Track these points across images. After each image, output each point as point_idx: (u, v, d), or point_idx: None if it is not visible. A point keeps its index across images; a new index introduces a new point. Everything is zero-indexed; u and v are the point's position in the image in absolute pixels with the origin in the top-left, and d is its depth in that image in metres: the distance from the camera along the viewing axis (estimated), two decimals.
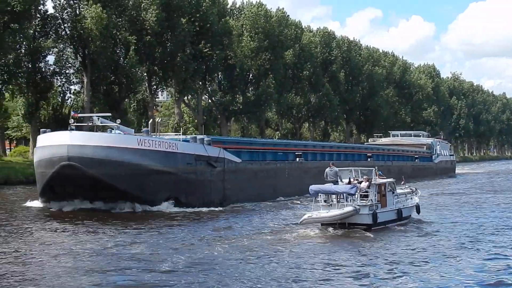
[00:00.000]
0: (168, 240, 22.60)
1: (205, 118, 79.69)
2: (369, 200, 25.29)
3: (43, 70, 62.57)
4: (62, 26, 62.82)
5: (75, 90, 67.47)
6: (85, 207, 30.70)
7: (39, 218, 28.24)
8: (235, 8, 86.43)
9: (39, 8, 60.62)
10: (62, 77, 64.37)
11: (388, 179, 27.81)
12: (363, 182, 25.72)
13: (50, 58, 63.35)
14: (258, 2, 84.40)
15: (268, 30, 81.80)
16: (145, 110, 72.51)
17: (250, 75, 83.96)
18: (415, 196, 30.01)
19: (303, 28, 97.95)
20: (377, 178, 26.99)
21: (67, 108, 64.20)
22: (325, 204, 25.26)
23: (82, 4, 61.53)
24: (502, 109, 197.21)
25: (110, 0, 61.97)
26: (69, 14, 62.44)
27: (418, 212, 29.36)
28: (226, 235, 23.78)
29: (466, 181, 68.20)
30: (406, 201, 28.86)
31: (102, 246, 21.07)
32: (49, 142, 31.42)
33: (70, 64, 64.50)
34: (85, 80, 62.90)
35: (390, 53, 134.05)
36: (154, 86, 73.48)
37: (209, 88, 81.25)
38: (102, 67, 61.97)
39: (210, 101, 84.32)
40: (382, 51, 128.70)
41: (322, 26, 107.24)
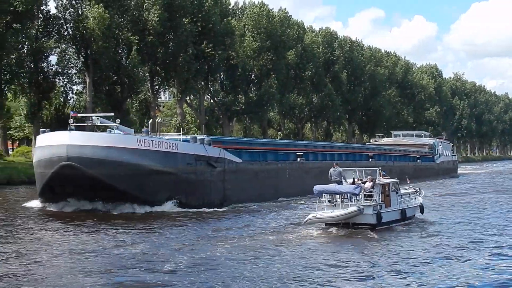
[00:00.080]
0: (170, 240, 22.53)
1: (207, 118, 79.72)
2: (373, 200, 25.33)
3: (46, 70, 62.54)
4: (65, 26, 62.78)
5: (78, 90, 67.52)
6: (85, 208, 30.54)
7: (40, 219, 28.15)
8: (237, 8, 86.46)
9: (42, 8, 60.67)
10: (64, 77, 64.36)
11: (392, 179, 27.85)
12: (367, 182, 25.75)
13: (53, 58, 63.41)
14: (260, 2, 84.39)
15: (270, 30, 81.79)
16: (147, 110, 72.47)
17: (252, 75, 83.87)
18: (419, 196, 30.08)
19: (305, 28, 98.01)
20: (381, 178, 26.95)
21: (70, 108, 64.14)
22: (329, 204, 25.34)
23: (84, 4, 61.51)
24: (505, 109, 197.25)
25: (112, 0, 61.99)
26: (71, 14, 62.39)
27: (422, 212, 29.55)
28: (229, 235, 23.72)
29: (468, 181, 68.06)
30: (410, 201, 28.92)
31: (104, 246, 21.01)
32: (48, 142, 31.26)
33: (73, 64, 64.42)
34: (87, 80, 62.89)
35: (393, 53, 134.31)
36: (156, 86, 73.46)
37: (211, 88, 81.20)
38: (105, 67, 61.99)
39: (212, 101, 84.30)
40: (384, 51, 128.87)
41: (325, 26, 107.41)
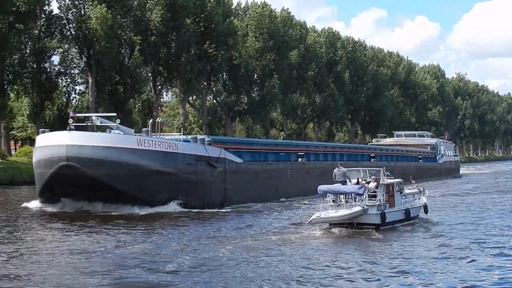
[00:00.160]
0: (172, 240, 22.47)
1: (209, 118, 79.66)
2: (377, 200, 25.33)
3: (48, 70, 62.59)
4: (67, 27, 62.85)
5: (80, 90, 67.62)
6: (85, 208, 30.41)
7: (41, 219, 28.05)
8: (240, 8, 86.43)
9: (44, 8, 60.75)
10: (67, 77, 64.45)
11: (396, 179, 27.86)
12: (371, 182, 25.77)
13: (55, 59, 63.51)
14: (263, 2, 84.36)
15: (273, 31, 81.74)
16: (150, 110, 72.47)
17: (255, 76, 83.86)
18: (423, 196, 30.07)
19: (308, 28, 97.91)
20: (385, 178, 27.01)
21: (72, 108, 64.12)
22: (333, 204, 25.33)
23: (87, 4, 61.57)
24: (507, 109, 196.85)
25: (115, 0, 61.99)
26: (74, 14, 62.43)
27: (426, 212, 29.57)
28: (231, 236, 23.66)
29: (471, 181, 67.96)
30: (414, 201, 28.95)
31: (106, 246, 20.95)
32: (48, 142, 31.12)
33: (75, 64, 64.55)
34: (90, 80, 62.94)
35: (395, 53, 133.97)
36: (159, 87, 73.49)
37: (214, 88, 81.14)
38: (107, 68, 61.99)
39: (215, 101, 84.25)
40: (387, 51, 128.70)
41: (327, 27, 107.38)
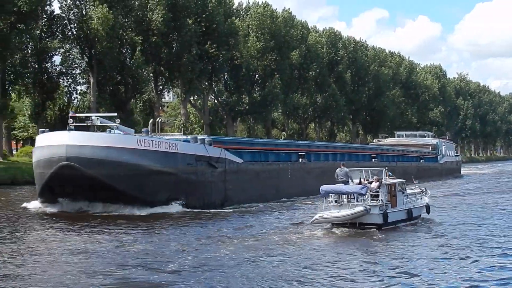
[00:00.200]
0: (173, 240, 22.43)
1: (211, 118, 79.62)
2: (379, 200, 25.34)
3: (50, 70, 62.61)
4: (69, 27, 62.88)
5: (82, 90, 67.62)
6: (85, 208, 30.33)
7: (42, 219, 27.98)
8: (241, 8, 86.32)
9: (46, 8, 60.76)
10: (68, 77, 64.45)
11: (398, 179, 27.84)
12: (374, 183, 25.78)
13: (57, 59, 63.53)
14: (264, 2, 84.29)
15: (274, 31, 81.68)
16: (151, 110, 72.47)
17: (256, 76, 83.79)
18: (425, 196, 30.05)
19: (309, 28, 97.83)
20: (387, 178, 26.99)
21: (74, 108, 64.17)
22: (335, 204, 25.33)
23: (88, 4, 61.55)
24: (509, 109, 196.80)
25: (116, 0, 61.99)
26: (75, 14, 62.45)
27: (428, 212, 29.64)
28: (232, 236, 23.62)
29: (472, 181, 67.87)
30: (416, 201, 28.95)
31: (107, 246, 20.91)
32: (47, 142, 30.99)
33: (77, 64, 64.57)
34: (91, 80, 62.93)
35: (397, 53, 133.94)
36: (160, 87, 73.49)
37: (215, 88, 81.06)
38: (108, 68, 61.97)
39: (216, 101, 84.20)
40: (388, 52, 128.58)
41: (328, 27, 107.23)
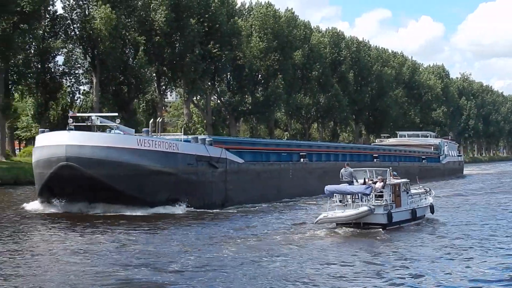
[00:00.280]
0: (175, 240, 22.35)
1: (214, 118, 79.61)
2: (383, 200, 25.33)
3: (53, 70, 62.60)
4: (72, 27, 62.86)
5: (84, 90, 67.67)
6: (85, 208, 30.08)
7: (41, 219, 27.81)
8: (244, 8, 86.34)
9: (49, 8, 60.76)
10: (71, 77, 64.51)
11: (402, 180, 27.84)
12: (378, 183, 25.78)
13: (60, 59, 63.50)
14: (267, 2, 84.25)
15: (277, 31, 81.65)
16: (154, 110, 72.41)
17: (259, 76, 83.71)
18: (429, 196, 30.02)
19: (312, 28, 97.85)
20: (391, 178, 27.02)
21: (76, 108, 64.20)
22: (340, 204, 25.32)
23: (91, 4, 61.61)
24: None
25: (119, 0, 61.99)
26: (78, 14, 62.46)
27: (432, 212, 29.61)
28: (234, 236, 23.56)
29: (475, 182, 67.71)
30: (420, 201, 28.95)
31: (109, 246, 20.85)
32: (47, 142, 30.80)
33: (79, 64, 64.54)
34: (94, 80, 62.93)
35: (399, 53, 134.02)
36: (163, 87, 73.46)
37: (218, 88, 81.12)
38: (111, 68, 61.99)
39: (219, 101, 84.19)
40: (391, 52, 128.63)
41: (331, 27, 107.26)
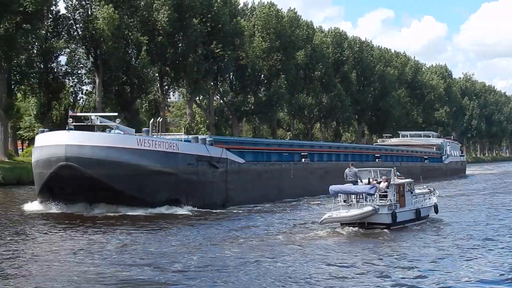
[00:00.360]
0: (178, 240, 22.29)
1: (216, 118, 79.58)
2: (388, 200, 25.32)
3: (55, 70, 62.58)
4: (74, 27, 62.89)
5: (87, 90, 67.64)
6: (85, 209, 29.91)
7: (41, 219, 27.69)
8: (247, 8, 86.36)
9: (51, 8, 60.72)
10: (74, 77, 64.48)
11: (407, 180, 27.85)
12: (382, 183, 25.76)
13: (62, 59, 63.51)
14: (270, 2, 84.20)
15: (279, 31, 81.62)
16: (156, 110, 72.39)
17: (262, 76, 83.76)
18: (433, 196, 30.01)
19: (315, 28, 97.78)
20: (395, 178, 27.01)
21: (79, 108, 64.20)
22: (344, 204, 25.30)
23: (94, 4, 61.59)
24: None
25: (122, 0, 61.99)
26: (81, 14, 62.46)
27: (436, 212, 29.63)
28: (238, 236, 23.49)
29: (478, 182, 67.63)
30: (424, 201, 28.94)
31: (111, 246, 20.80)
32: (47, 142, 30.65)
33: (82, 64, 64.57)
34: (97, 80, 62.94)
35: (402, 53, 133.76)
36: (166, 87, 73.47)
37: (220, 88, 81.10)
38: (114, 68, 61.98)
39: (221, 101, 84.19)
40: (394, 52, 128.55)
41: (334, 27, 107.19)
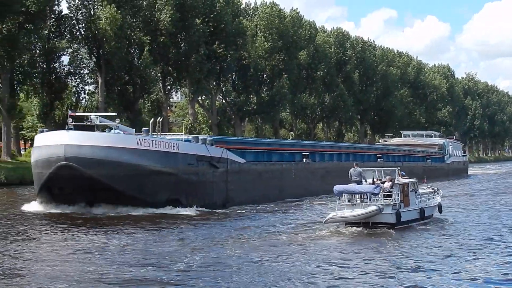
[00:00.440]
0: (180, 240, 22.27)
1: (219, 118, 79.56)
2: (392, 199, 25.35)
3: (58, 70, 62.59)
4: (77, 27, 62.88)
5: (90, 90, 67.62)
6: (85, 209, 29.82)
7: (41, 220, 27.62)
8: (249, 8, 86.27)
9: (54, 8, 60.81)
10: (76, 77, 64.44)
11: (411, 179, 27.86)
12: (386, 182, 25.77)
13: (65, 59, 63.63)
14: (272, 2, 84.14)
15: (282, 31, 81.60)
16: (159, 110, 72.35)
17: (264, 76, 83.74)
18: (437, 196, 30.00)
19: (317, 28, 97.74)
20: (400, 178, 26.98)
21: (82, 108, 64.20)
22: (349, 203, 25.33)
23: (96, 4, 61.58)
24: None
25: (124, 0, 61.95)
26: (83, 14, 62.47)
27: (440, 211, 29.69)
28: (240, 236, 23.47)
29: (480, 182, 67.57)
30: (428, 200, 28.95)
31: (112, 246, 20.79)
32: (46, 142, 30.56)
33: (85, 64, 64.50)
34: (99, 80, 62.89)
35: (405, 53, 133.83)
36: (168, 87, 73.43)
37: (223, 88, 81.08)
38: (117, 68, 61.98)
39: (224, 101, 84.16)
40: (396, 52, 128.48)
41: (337, 27, 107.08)
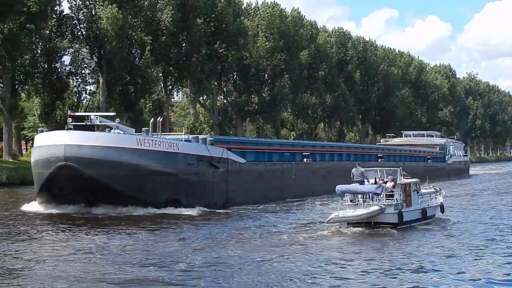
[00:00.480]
0: (181, 240, 22.24)
1: (220, 118, 79.59)
2: (394, 199, 25.33)
3: (59, 70, 62.67)
4: (78, 27, 62.93)
5: (91, 90, 67.74)
6: (84, 209, 29.73)
7: (44, 220, 27.59)
8: (250, 8, 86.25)
9: (55, 8, 60.86)
10: (78, 77, 64.62)
11: (413, 179, 27.88)
12: (389, 182, 25.76)
13: (66, 59, 63.59)
14: (273, 2, 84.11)
15: (283, 30, 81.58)
16: (160, 110, 72.38)
17: (266, 75, 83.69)
18: (439, 196, 30.01)
19: (319, 28, 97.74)
20: (402, 178, 26.99)
21: (83, 108, 64.23)
22: (351, 203, 25.30)
23: (98, 4, 61.63)
24: None
25: (125, 0, 61.99)
26: (85, 14, 62.52)
27: (443, 211, 29.66)
28: (241, 236, 23.43)
29: (481, 182, 67.50)
30: (430, 200, 28.93)
31: (113, 246, 20.76)
32: (46, 142, 30.51)
33: (86, 64, 64.61)
34: (100, 80, 62.92)
35: (406, 53, 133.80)
36: (170, 87, 73.43)
37: (224, 88, 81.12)
38: (118, 68, 62.02)
39: (225, 101, 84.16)
40: (398, 51, 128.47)
41: (338, 26, 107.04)
